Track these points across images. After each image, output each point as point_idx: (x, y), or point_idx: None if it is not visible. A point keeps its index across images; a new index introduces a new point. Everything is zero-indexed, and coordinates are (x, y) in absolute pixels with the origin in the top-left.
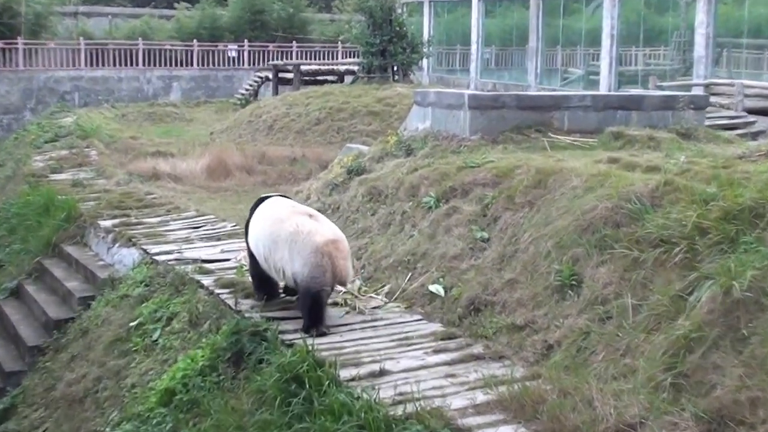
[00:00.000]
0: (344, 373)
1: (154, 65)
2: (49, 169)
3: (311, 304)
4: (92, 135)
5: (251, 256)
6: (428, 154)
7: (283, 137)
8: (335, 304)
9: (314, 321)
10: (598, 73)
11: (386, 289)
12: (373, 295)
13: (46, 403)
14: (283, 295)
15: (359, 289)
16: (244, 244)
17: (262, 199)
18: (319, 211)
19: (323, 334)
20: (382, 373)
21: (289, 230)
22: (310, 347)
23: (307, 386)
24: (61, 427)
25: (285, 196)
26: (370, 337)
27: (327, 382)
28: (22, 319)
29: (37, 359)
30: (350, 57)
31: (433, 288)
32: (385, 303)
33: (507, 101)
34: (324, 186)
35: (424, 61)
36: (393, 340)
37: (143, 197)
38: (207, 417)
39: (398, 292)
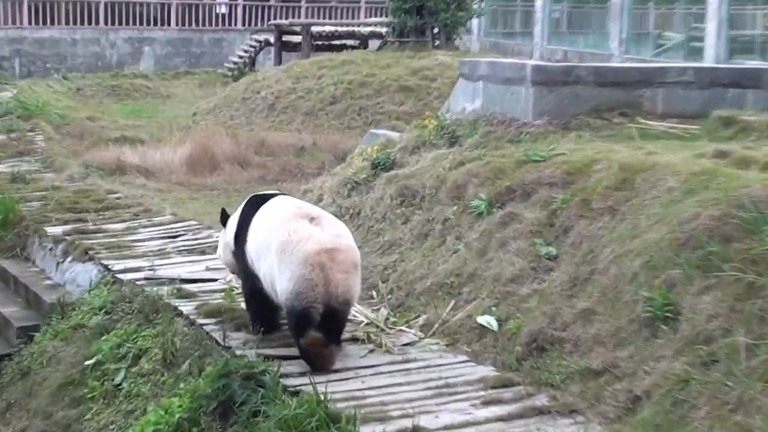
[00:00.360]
0: (366, 431)
1: (120, 24)
2: None
3: (296, 325)
4: (38, 114)
5: (246, 272)
6: (478, 144)
7: (287, 120)
8: (354, 339)
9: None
10: (702, 39)
11: (421, 320)
12: (404, 328)
13: None
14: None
15: (386, 320)
16: (226, 256)
17: (257, 198)
18: (334, 216)
19: (326, 368)
20: (416, 431)
21: (280, 239)
22: (321, 395)
23: None
24: None
25: (285, 194)
26: (401, 384)
27: None
28: None
29: None
30: (376, 15)
31: (482, 320)
32: (420, 339)
33: (582, 75)
34: (341, 184)
35: (474, 21)
36: (430, 388)
37: (104, 197)
38: None
39: (437, 325)
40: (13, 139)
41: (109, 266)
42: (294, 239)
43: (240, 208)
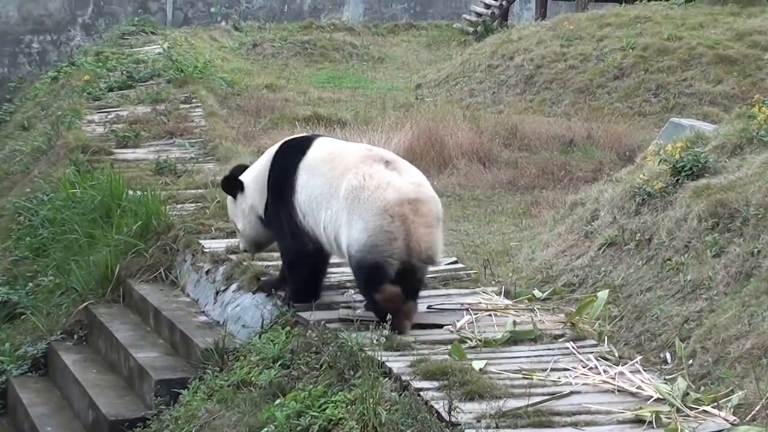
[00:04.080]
0: None
1: None
2: (114, 139)
3: (367, 279)
4: (196, 79)
5: (293, 231)
6: None
7: (551, 99)
8: (639, 421)
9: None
10: None
11: (736, 399)
12: (710, 408)
13: None
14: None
15: (684, 395)
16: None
17: (294, 142)
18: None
19: (404, 327)
20: None
21: (353, 183)
22: None
23: None
24: None
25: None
26: None
27: None
28: (49, 415)
29: None
30: None
31: None
32: (734, 425)
33: None
34: (626, 196)
35: None
36: None
37: None
38: None
39: (759, 407)
40: (160, 112)
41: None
42: (370, 185)
43: (265, 162)
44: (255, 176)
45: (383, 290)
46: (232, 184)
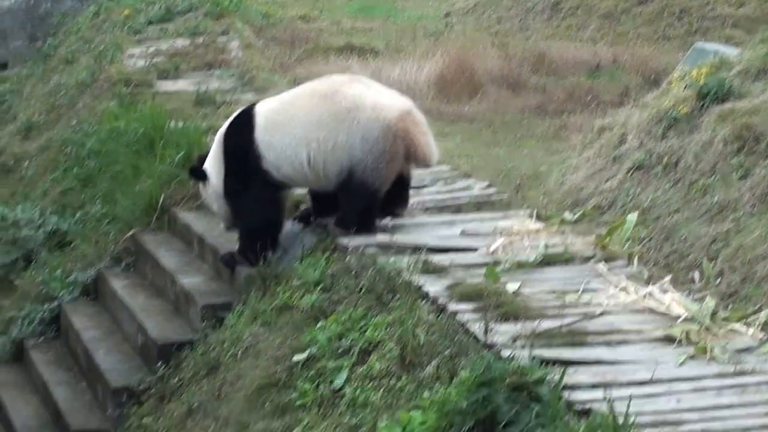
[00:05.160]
0: None
1: None
2: (155, 71)
3: (366, 206)
4: (232, 12)
5: (262, 193)
6: None
7: (577, 25)
8: (668, 339)
9: (366, 225)
10: None
11: (763, 316)
12: (738, 326)
13: None
14: None
15: (713, 314)
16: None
17: (241, 112)
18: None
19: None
20: None
21: (346, 105)
22: (621, 417)
23: None
24: None
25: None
26: (733, 406)
27: None
28: (100, 338)
29: (128, 411)
30: None
31: None
32: (762, 343)
33: None
34: (652, 120)
35: None
36: None
37: None
38: None
39: None
40: (198, 45)
41: (329, 227)
42: (365, 104)
43: (216, 147)
44: (212, 162)
45: (372, 231)
46: (198, 174)
